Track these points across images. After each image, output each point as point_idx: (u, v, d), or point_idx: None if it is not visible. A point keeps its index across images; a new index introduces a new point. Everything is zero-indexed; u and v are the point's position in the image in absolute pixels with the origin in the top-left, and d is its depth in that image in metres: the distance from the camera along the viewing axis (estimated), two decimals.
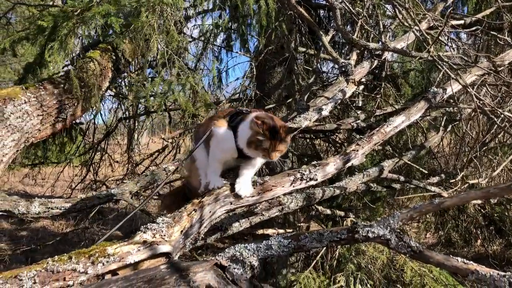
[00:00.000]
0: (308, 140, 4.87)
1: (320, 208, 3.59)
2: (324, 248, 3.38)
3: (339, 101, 3.10)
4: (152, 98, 3.60)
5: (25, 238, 8.16)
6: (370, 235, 1.73)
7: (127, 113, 5.53)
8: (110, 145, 5.71)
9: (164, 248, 1.79)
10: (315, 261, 3.33)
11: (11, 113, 2.86)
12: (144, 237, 1.79)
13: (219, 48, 5.72)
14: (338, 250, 3.49)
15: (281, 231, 3.41)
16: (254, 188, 2.16)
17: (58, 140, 5.00)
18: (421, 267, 3.43)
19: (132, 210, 6.76)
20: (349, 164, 2.49)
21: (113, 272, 1.70)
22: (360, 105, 4.64)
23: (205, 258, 1.83)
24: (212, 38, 5.31)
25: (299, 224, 3.95)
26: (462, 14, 4.23)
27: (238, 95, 5.49)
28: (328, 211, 3.61)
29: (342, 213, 3.78)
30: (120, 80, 4.64)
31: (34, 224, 9.13)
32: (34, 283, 1.51)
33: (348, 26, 4.91)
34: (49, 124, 3.20)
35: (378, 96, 3.85)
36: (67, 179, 5.89)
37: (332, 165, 2.42)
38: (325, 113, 2.89)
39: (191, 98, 3.91)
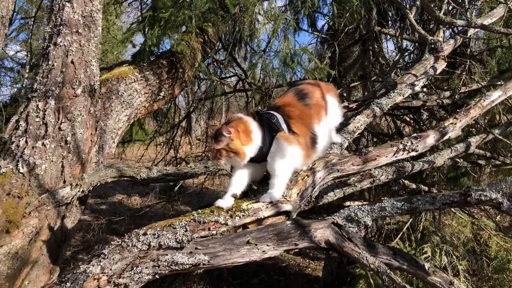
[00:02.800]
0: (387, 118, 4.95)
1: (406, 182, 3.70)
2: (410, 220, 3.52)
3: (430, 77, 3.18)
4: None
5: (105, 211, 8.77)
6: (482, 198, 1.85)
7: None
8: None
9: (287, 206, 2.00)
10: (401, 233, 3.46)
11: (124, 90, 3.18)
12: None
13: (287, 28, 5.83)
14: (422, 222, 3.60)
15: (366, 203, 3.53)
16: (360, 158, 2.33)
17: (143, 120, 5.38)
18: (506, 243, 3.46)
19: (202, 187, 7.04)
20: (447, 137, 2.60)
21: (244, 226, 1.93)
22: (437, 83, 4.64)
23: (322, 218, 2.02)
24: (283, 19, 5.40)
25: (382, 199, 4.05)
26: None
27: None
28: (414, 186, 3.71)
29: (426, 188, 3.86)
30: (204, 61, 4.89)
31: (111, 199, 9.80)
32: (186, 231, 1.76)
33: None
34: (152, 101, 3.50)
35: (463, 73, 3.86)
36: (151, 157, 6.29)
37: (432, 137, 2.54)
38: (417, 88, 2.99)
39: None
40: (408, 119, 4.91)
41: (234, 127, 1.96)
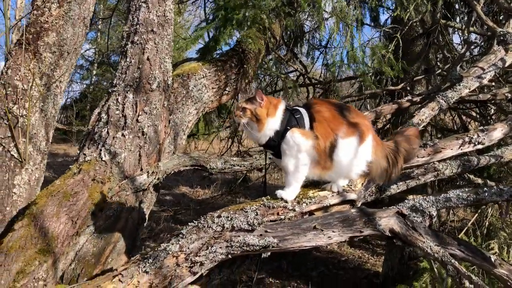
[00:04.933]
0: (452, 113, 4.85)
1: (471, 176, 3.63)
2: (475, 216, 3.47)
3: (499, 70, 3.12)
4: None
5: (169, 202, 9.15)
6: None
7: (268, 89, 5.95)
8: None
9: (352, 196, 2.08)
10: (466, 228, 3.42)
11: (193, 86, 3.37)
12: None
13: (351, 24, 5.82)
14: (488, 218, 3.53)
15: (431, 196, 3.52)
16: (424, 150, 2.36)
17: (208, 116, 5.60)
18: None
19: (260, 181, 7.20)
20: None
21: (310, 213, 2.03)
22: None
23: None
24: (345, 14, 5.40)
25: None
26: None
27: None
28: (480, 180, 3.63)
29: (493, 184, 3.76)
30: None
31: (174, 190, 10.20)
32: (256, 215, 1.89)
33: None
34: (219, 96, 3.67)
35: None
36: (216, 150, 6.52)
37: (500, 130, 2.51)
38: (484, 81, 2.94)
39: None
40: (474, 113, 4.78)
41: (268, 98, 2.02)
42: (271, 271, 5.69)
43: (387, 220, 1.98)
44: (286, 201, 1.96)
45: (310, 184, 2.10)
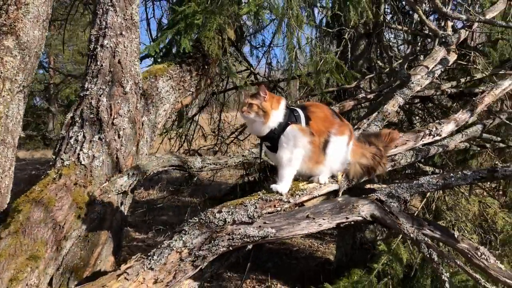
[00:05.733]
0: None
1: (421, 165, 4.00)
2: (424, 200, 3.84)
3: (443, 69, 3.48)
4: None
5: None
6: (507, 173, 2.14)
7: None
8: (203, 118, 6.32)
9: (336, 186, 2.29)
10: (416, 212, 3.78)
11: (162, 87, 3.42)
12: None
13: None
14: (434, 202, 3.92)
15: (384, 185, 3.84)
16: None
17: None
18: (510, 218, 3.80)
19: (213, 179, 7.27)
20: (465, 122, 2.90)
21: (300, 204, 2.21)
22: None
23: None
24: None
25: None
26: None
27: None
28: (427, 168, 4.01)
29: (438, 170, 4.16)
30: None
31: None
32: (255, 208, 2.04)
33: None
34: (183, 97, 3.75)
35: (469, 64, 4.17)
36: (166, 149, 6.52)
37: (453, 123, 2.84)
38: (434, 79, 3.28)
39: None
40: (412, 107, 5.21)
41: (270, 93, 2.19)
42: (228, 266, 5.80)
43: (369, 207, 2.21)
44: (281, 194, 2.13)
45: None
